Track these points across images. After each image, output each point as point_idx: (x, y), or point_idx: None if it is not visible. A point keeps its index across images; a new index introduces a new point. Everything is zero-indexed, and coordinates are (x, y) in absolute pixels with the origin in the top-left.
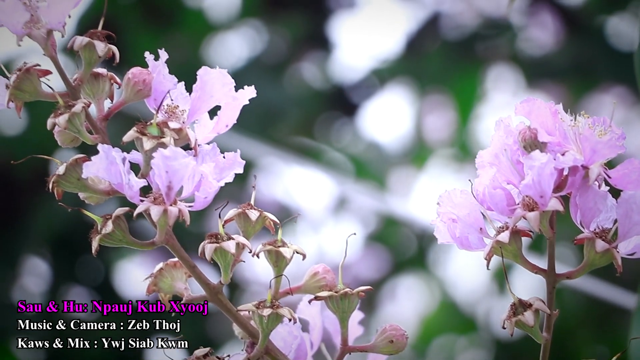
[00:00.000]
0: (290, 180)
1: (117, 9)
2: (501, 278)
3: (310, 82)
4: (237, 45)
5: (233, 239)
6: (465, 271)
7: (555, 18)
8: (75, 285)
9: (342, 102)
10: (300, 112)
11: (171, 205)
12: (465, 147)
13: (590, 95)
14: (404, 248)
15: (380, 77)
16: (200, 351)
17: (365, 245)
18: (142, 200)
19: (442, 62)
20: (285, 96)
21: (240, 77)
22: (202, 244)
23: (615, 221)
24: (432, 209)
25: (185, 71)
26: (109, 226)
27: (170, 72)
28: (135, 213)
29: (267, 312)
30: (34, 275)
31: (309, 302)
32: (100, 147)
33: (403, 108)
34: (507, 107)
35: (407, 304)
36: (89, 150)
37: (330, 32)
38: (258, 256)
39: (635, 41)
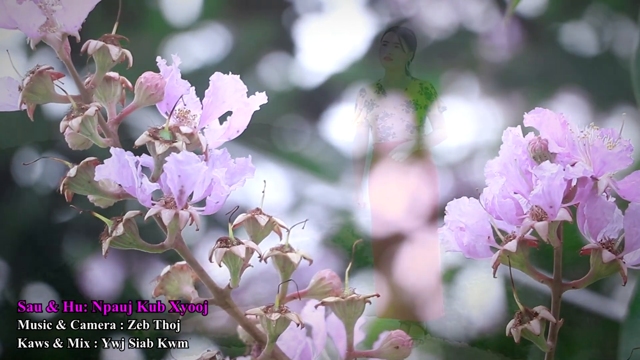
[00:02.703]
0: (249, 180)
1: None
2: (449, 280)
3: (270, 85)
4: (198, 46)
5: (243, 243)
6: (414, 272)
7: (514, 26)
8: (37, 283)
9: (303, 105)
10: (259, 114)
11: (182, 209)
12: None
13: (546, 103)
14: (358, 249)
15: (342, 81)
16: (208, 354)
17: (322, 247)
18: (153, 204)
19: None
20: None
21: (200, 78)
22: (212, 247)
23: (621, 232)
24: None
25: (144, 71)
26: (120, 229)
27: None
28: (146, 216)
29: (275, 316)
30: None
31: (315, 307)
32: (112, 150)
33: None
34: (464, 113)
35: None
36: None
37: (294, 35)
38: (266, 261)
39: (592, 48)
